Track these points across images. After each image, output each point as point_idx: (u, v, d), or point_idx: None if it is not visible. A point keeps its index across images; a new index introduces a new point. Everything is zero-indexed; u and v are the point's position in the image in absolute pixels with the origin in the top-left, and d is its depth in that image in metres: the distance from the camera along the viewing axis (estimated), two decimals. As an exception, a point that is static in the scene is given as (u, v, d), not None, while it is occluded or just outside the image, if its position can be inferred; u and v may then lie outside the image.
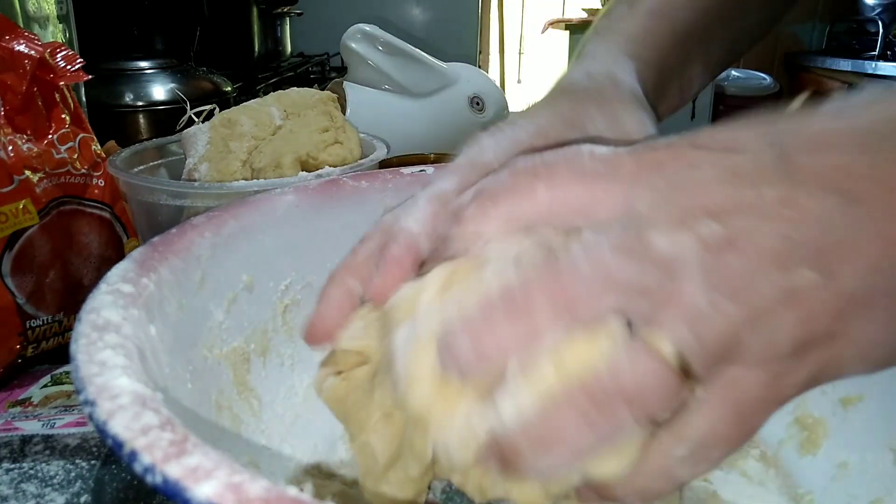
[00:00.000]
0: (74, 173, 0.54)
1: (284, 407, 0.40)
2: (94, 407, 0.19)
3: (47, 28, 0.70)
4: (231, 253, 0.36)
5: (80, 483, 0.38)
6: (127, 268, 0.29)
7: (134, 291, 0.27)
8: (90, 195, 0.56)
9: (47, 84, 0.53)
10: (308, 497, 0.16)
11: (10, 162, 0.49)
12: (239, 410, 0.36)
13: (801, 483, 0.39)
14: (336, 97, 0.65)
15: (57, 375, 0.50)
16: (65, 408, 0.45)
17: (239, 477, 0.16)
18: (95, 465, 0.40)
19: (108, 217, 0.57)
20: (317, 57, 1.65)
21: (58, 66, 0.54)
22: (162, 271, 0.31)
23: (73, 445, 0.41)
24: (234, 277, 0.37)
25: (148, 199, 0.51)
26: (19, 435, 0.42)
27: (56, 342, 0.53)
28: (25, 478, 0.38)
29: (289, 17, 1.50)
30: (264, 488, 0.16)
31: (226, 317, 0.36)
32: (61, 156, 0.53)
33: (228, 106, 0.63)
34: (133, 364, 0.22)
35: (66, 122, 0.55)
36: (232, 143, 0.57)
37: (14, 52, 0.50)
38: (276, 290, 0.40)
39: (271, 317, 0.40)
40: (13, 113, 0.51)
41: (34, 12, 0.68)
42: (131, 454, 0.17)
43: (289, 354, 0.41)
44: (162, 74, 0.98)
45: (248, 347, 0.38)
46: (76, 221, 0.55)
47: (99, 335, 0.23)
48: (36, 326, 0.51)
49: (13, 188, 0.49)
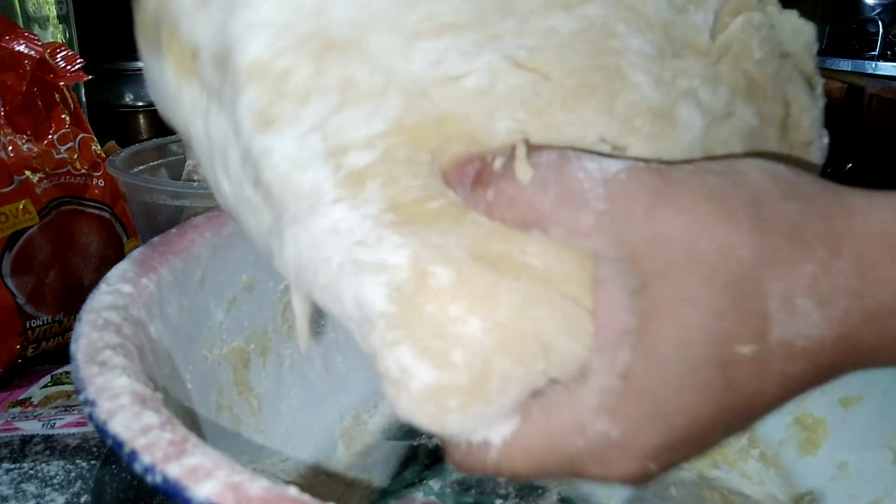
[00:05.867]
0: (74, 173, 0.54)
1: (284, 407, 0.40)
2: (94, 407, 0.19)
3: (47, 28, 0.70)
4: (231, 253, 0.36)
5: (80, 483, 0.38)
6: (127, 268, 0.29)
7: (134, 291, 0.27)
8: (90, 195, 0.56)
9: (47, 84, 0.53)
10: (308, 497, 0.16)
11: (10, 162, 0.49)
12: (239, 410, 0.36)
13: (801, 483, 0.39)
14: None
15: (57, 375, 0.50)
16: (65, 408, 0.45)
17: (239, 477, 0.16)
18: (95, 465, 0.40)
19: (108, 217, 0.57)
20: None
21: (58, 66, 0.54)
22: (162, 271, 0.31)
23: (73, 445, 0.41)
24: (234, 277, 0.37)
25: (148, 199, 0.51)
26: (19, 435, 0.42)
27: (56, 342, 0.53)
28: (25, 478, 0.38)
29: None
30: (264, 488, 0.16)
31: (226, 317, 0.36)
32: (61, 156, 0.53)
33: (228, 106, 0.63)
34: (133, 364, 0.22)
35: (66, 123, 0.55)
36: (232, 144, 0.57)
37: (14, 52, 0.50)
38: (276, 290, 0.40)
39: (271, 317, 0.40)
40: (13, 113, 0.51)
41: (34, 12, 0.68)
42: (131, 454, 0.17)
43: (289, 354, 0.41)
44: (162, 74, 0.97)
45: (248, 347, 0.38)
46: (76, 221, 0.55)
47: (99, 335, 0.23)
48: (36, 326, 0.51)
49: (13, 188, 0.49)
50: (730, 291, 0.18)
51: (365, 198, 0.19)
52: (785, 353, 0.19)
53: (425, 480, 0.39)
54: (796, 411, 0.41)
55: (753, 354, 0.19)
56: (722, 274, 0.18)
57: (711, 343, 0.18)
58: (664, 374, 0.19)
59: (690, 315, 0.18)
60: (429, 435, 0.43)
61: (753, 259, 0.18)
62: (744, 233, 0.18)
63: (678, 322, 0.19)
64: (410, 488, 0.39)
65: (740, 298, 0.18)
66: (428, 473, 0.40)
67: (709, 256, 0.18)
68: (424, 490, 0.39)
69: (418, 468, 0.41)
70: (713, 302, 0.18)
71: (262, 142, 0.19)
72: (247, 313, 0.38)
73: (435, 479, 0.40)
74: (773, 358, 0.19)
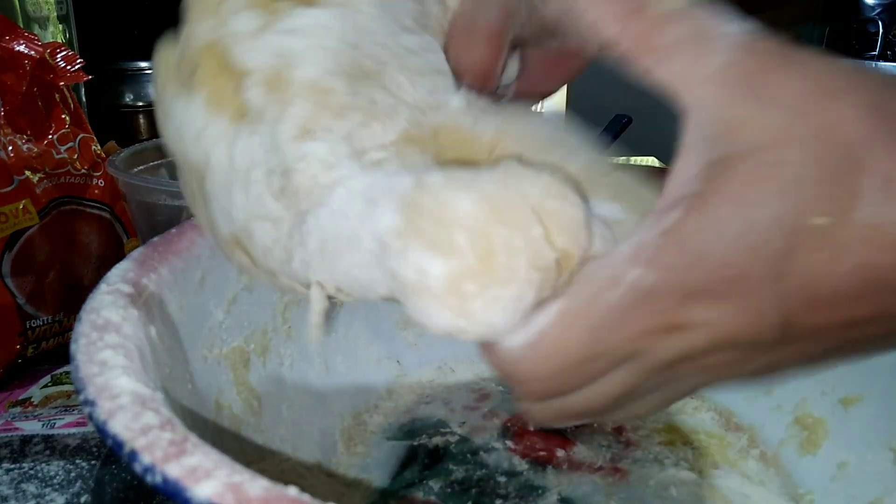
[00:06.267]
0: (74, 173, 0.54)
1: (284, 407, 0.40)
2: (94, 407, 0.19)
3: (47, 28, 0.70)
4: (231, 253, 0.36)
5: (80, 483, 0.38)
6: (127, 268, 0.29)
7: (134, 291, 0.28)
8: (90, 195, 0.56)
9: (47, 84, 0.53)
10: (308, 497, 0.16)
11: (10, 162, 0.49)
12: (239, 410, 0.36)
13: (801, 483, 0.39)
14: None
15: (57, 375, 0.50)
16: (65, 408, 0.45)
17: (239, 477, 0.16)
18: (95, 465, 0.40)
19: (108, 217, 0.57)
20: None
21: (58, 67, 0.54)
22: (162, 271, 0.31)
23: (73, 445, 0.41)
24: (234, 277, 0.37)
25: (148, 199, 0.51)
26: (19, 435, 0.42)
27: (56, 342, 0.53)
28: (25, 478, 0.38)
29: (289, 17, 1.50)
30: (264, 488, 0.16)
31: (226, 317, 0.36)
32: (61, 156, 0.53)
33: (228, 106, 0.63)
34: (133, 364, 0.22)
35: (66, 123, 0.55)
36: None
37: (14, 53, 0.50)
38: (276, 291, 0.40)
39: (271, 317, 0.40)
40: (13, 113, 0.51)
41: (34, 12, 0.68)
42: (131, 454, 0.17)
43: (289, 354, 0.41)
44: (162, 75, 0.97)
45: (248, 347, 0.38)
46: (76, 221, 0.55)
47: (99, 335, 0.23)
48: (36, 326, 0.51)
49: (13, 188, 0.49)
50: (823, 163, 0.17)
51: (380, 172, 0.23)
52: (870, 236, 0.17)
53: (425, 480, 0.39)
54: (796, 411, 0.41)
55: (829, 228, 0.17)
56: (822, 144, 0.17)
57: (783, 209, 0.17)
58: (718, 231, 0.17)
59: (769, 178, 0.17)
60: (429, 434, 0.43)
61: (861, 136, 0.17)
62: (858, 110, 0.17)
63: (751, 184, 0.17)
64: (410, 488, 0.39)
65: (833, 170, 0.17)
66: (428, 473, 0.40)
67: (814, 126, 0.17)
68: (424, 490, 0.39)
69: (418, 468, 0.41)
70: (800, 169, 0.17)
71: (299, 148, 0.23)
72: (247, 313, 0.38)
73: (435, 479, 0.40)
74: (853, 239, 0.17)
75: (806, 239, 0.17)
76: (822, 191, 0.17)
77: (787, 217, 0.17)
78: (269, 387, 0.39)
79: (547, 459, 0.41)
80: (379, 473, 0.40)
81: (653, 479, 0.40)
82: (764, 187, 0.17)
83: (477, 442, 0.43)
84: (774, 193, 0.17)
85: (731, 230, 0.17)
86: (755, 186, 0.17)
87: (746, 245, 0.17)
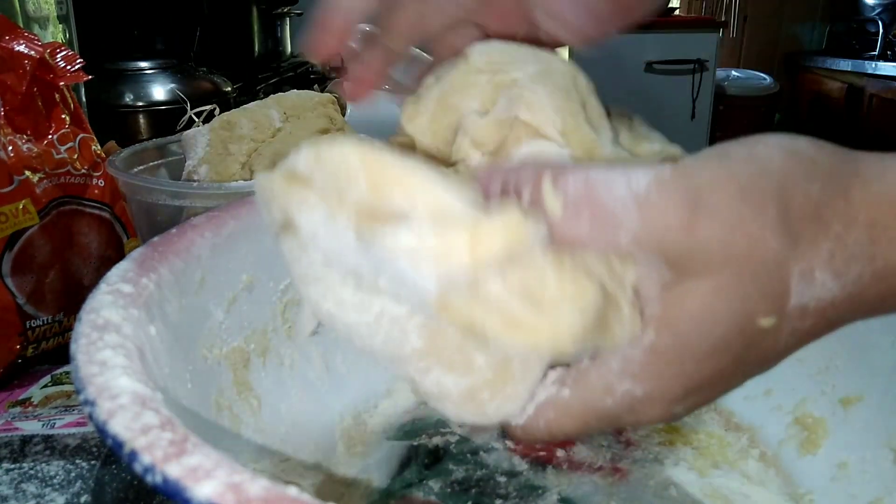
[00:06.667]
0: (74, 173, 0.54)
1: (284, 407, 0.40)
2: (94, 407, 0.19)
3: (47, 28, 0.70)
4: (231, 253, 0.36)
5: (80, 483, 0.38)
6: (127, 268, 0.29)
7: (134, 291, 0.27)
8: (90, 195, 0.56)
9: (47, 84, 0.53)
10: (308, 497, 0.16)
11: (10, 162, 0.49)
12: (239, 410, 0.36)
13: (801, 483, 0.39)
14: (336, 99, 0.65)
15: (57, 375, 0.50)
16: (65, 408, 0.45)
17: (239, 477, 0.16)
18: (95, 465, 0.40)
19: (108, 217, 0.57)
20: (317, 57, 1.64)
21: (58, 66, 0.54)
22: (162, 271, 0.31)
23: (73, 445, 0.41)
24: (234, 277, 0.37)
25: (148, 200, 0.51)
26: (19, 435, 0.42)
27: (56, 342, 0.53)
28: (25, 478, 0.38)
29: (289, 17, 1.50)
30: (264, 488, 0.16)
31: (226, 317, 0.36)
32: (61, 156, 0.53)
33: (228, 106, 0.63)
34: (133, 364, 0.22)
35: (66, 123, 0.55)
36: (231, 146, 0.57)
37: (14, 52, 0.50)
38: (276, 290, 0.40)
39: (271, 317, 0.40)
40: (13, 113, 0.51)
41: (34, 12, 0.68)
42: (131, 454, 0.17)
43: (288, 354, 0.41)
44: (162, 75, 0.97)
45: (248, 347, 0.38)
46: (76, 221, 0.55)
47: (99, 335, 0.23)
48: (36, 326, 0.51)
49: (13, 188, 0.49)
50: (757, 278, 0.21)
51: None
52: (800, 314, 0.21)
53: (425, 480, 0.39)
54: (796, 411, 0.41)
55: (773, 322, 0.21)
56: (752, 264, 0.20)
57: (735, 321, 0.21)
58: (687, 348, 0.21)
59: (719, 301, 0.21)
60: (429, 434, 0.43)
61: (780, 247, 0.20)
62: (773, 227, 0.20)
63: (706, 307, 0.21)
64: (410, 488, 0.39)
65: (766, 283, 0.21)
66: (428, 473, 0.40)
67: (741, 252, 0.20)
68: (424, 490, 0.39)
69: (418, 468, 0.41)
70: (741, 288, 0.21)
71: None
72: (247, 313, 0.38)
73: (435, 479, 0.39)
74: (789, 320, 0.21)
75: (756, 333, 0.21)
76: (761, 299, 0.21)
77: (741, 325, 0.21)
78: (269, 387, 0.39)
79: (547, 459, 0.41)
80: (379, 473, 0.40)
81: (653, 479, 0.40)
82: (718, 307, 0.21)
83: (477, 442, 0.43)
84: (726, 311, 0.21)
85: (699, 345, 0.21)
86: (710, 307, 0.21)
87: (714, 353, 0.21)
